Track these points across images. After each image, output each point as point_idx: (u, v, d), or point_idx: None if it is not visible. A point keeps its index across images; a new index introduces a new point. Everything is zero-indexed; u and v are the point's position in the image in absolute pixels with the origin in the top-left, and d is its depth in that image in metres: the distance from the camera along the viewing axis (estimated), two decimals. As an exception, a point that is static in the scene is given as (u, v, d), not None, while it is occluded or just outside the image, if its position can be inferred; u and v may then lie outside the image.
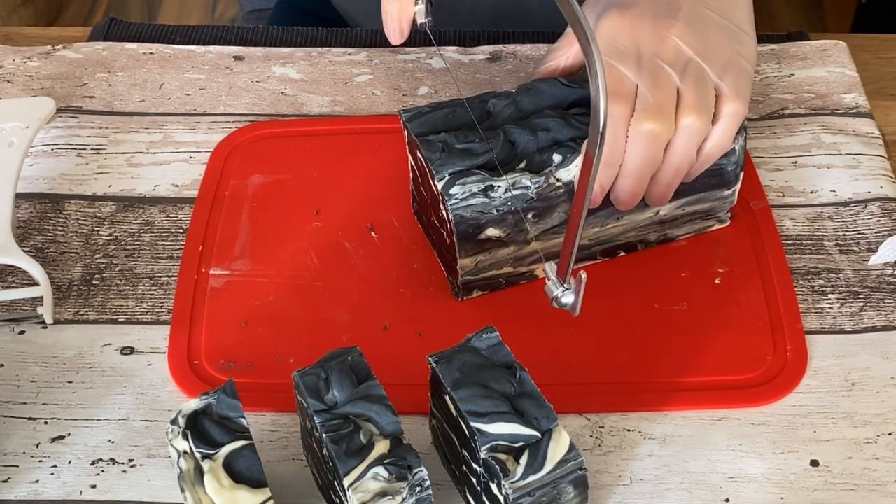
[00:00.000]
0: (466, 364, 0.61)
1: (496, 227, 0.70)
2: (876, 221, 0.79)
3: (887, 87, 0.92)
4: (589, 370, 0.71)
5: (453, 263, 0.72)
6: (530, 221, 0.70)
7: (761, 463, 0.66)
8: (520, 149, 0.70)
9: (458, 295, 0.74)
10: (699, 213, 0.76)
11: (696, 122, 0.69)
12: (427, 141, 0.70)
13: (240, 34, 0.96)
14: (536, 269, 0.74)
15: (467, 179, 0.68)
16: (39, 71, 0.91)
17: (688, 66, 0.70)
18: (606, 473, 0.66)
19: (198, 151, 0.85)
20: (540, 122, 0.71)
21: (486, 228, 0.70)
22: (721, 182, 0.75)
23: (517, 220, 0.70)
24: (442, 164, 0.69)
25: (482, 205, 0.68)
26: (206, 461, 0.58)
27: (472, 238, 0.70)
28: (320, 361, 0.62)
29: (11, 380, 0.71)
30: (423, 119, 0.72)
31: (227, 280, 0.76)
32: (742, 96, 0.71)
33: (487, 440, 0.58)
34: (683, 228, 0.77)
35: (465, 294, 0.74)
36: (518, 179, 0.68)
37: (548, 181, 0.69)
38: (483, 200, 0.68)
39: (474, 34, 0.95)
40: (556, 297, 0.66)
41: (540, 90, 0.73)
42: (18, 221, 0.80)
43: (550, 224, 0.71)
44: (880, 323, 0.74)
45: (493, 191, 0.68)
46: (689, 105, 0.69)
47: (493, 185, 0.68)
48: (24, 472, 0.66)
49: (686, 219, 0.76)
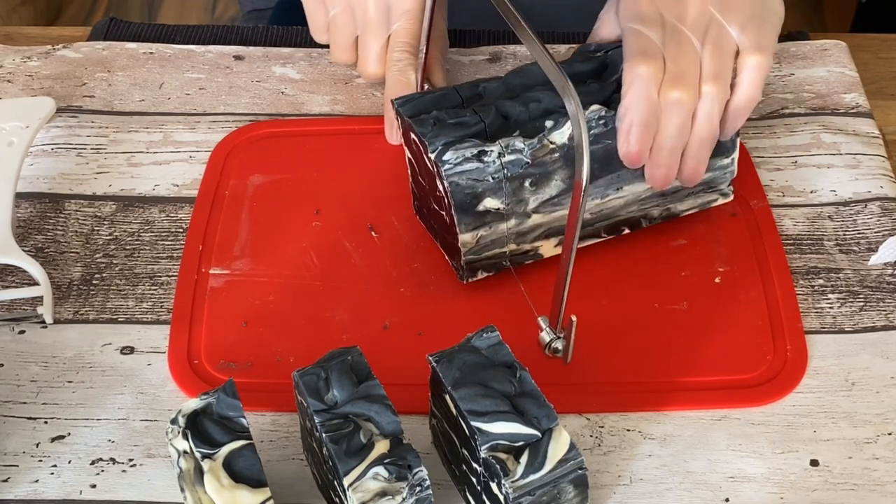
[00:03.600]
0: (467, 363, 0.61)
1: (493, 196, 0.70)
2: (876, 221, 0.79)
3: (887, 87, 0.92)
4: (589, 370, 0.71)
5: (455, 242, 0.72)
6: (528, 190, 0.70)
7: (761, 463, 0.66)
8: (512, 120, 0.71)
9: (463, 277, 0.74)
10: (700, 185, 0.76)
11: (713, 89, 0.70)
12: (419, 120, 0.71)
13: (240, 34, 0.96)
14: (540, 246, 0.74)
15: (459, 146, 0.69)
16: (39, 71, 0.91)
17: (709, 27, 0.71)
18: (606, 473, 0.66)
19: (198, 151, 0.85)
20: (531, 96, 0.72)
21: (483, 198, 0.70)
22: (718, 150, 0.74)
23: (515, 188, 0.70)
24: (434, 137, 0.70)
25: (477, 171, 0.69)
26: (206, 461, 0.58)
27: (470, 209, 0.70)
28: (320, 361, 0.62)
29: (11, 379, 0.71)
30: (415, 103, 0.73)
31: (227, 280, 0.76)
32: (763, 48, 0.71)
33: (487, 439, 0.58)
34: (687, 202, 0.77)
35: (470, 275, 0.73)
36: (511, 143, 0.69)
37: (541, 143, 0.69)
38: (477, 166, 0.69)
39: (474, 34, 0.95)
40: (548, 345, 0.69)
41: (530, 71, 0.74)
42: (18, 221, 0.80)
43: (549, 194, 0.71)
44: (880, 323, 0.74)
45: (486, 156, 0.69)
46: (708, 72, 0.70)
47: (486, 150, 0.69)
48: (24, 471, 0.66)
49: (688, 191, 0.76)
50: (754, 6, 0.72)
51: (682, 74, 0.69)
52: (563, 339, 0.68)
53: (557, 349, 0.69)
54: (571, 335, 0.68)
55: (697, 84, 0.70)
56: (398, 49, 0.82)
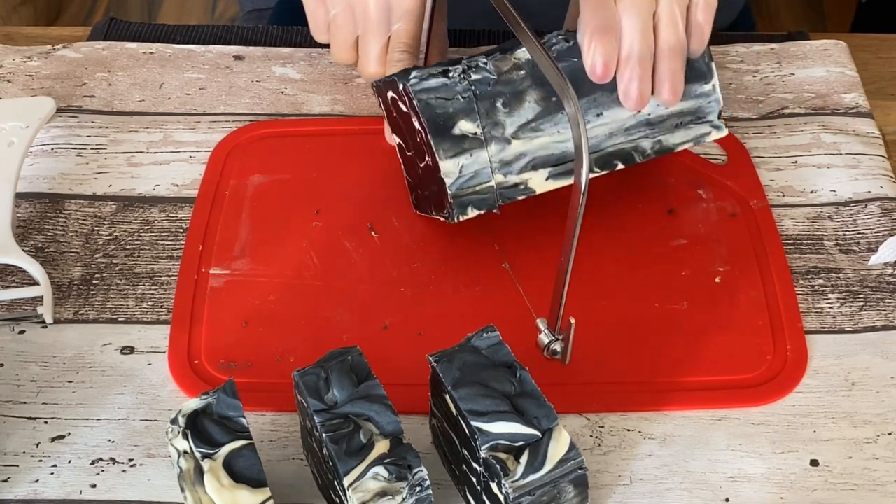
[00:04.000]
0: (467, 363, 0.61)
1: (467, 118, 0.70)
2: (876, 221, 0.79)
3: (887, 87, 0.92)
4: (589, 370, 0.71)
5: (442, 186, 0.71)
6: (502, 112, 0.70)
7: (761, 463, 0.66)
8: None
9: (453, 216, 0.72)
10: (687, 115, 0.74)
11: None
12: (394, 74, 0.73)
13: (240, 34, 0.96)
14: (529, 179, 0.72)
15: (426, 70, 0.70)
16: (39, 70, 0.91)
17: None
18: (606, 473, 0.66)
19: (198, 151, 0.85)
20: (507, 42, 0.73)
21: (457, 120, 0.70)
22: (694, 74, 0.73)
23: (487, 108, 0.70)
24: (404, 74, 0.71)
25: (444, 89, 0.69)
26: (206, 461, 0.58)
27: (445, 132, 0.70)
28: (320, 361, 0.62)
29: (11, 379, 0.71)
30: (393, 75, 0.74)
31: (228, 280, 0.76)
32: None
33: (488, 439, 0.58)
34: (678, 135, 0.75)
35: (460, 211, 0.71)
36: (475, 60, 0.70)
37: (503, 55, 0.70)
38: (443, 82, 0.69)
39: (474, 34, 0.95)
40: (547, 346, 0.68)
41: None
42: (18, 221, 0.80)
43: (525, 117, 0.71)
44: (880, 323, 0.74)
45: (451, 72, 0.69)
46: None
47: (450, 69, 0.70)
48: (24, 471, 0.66)
49: (675, 120, 0.74)
50: None
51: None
52: (561, 341, 0.68)
53: (556, 351, 0.69)
54: (570, 338, 0.68)
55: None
56: (399, 49, 0.82)
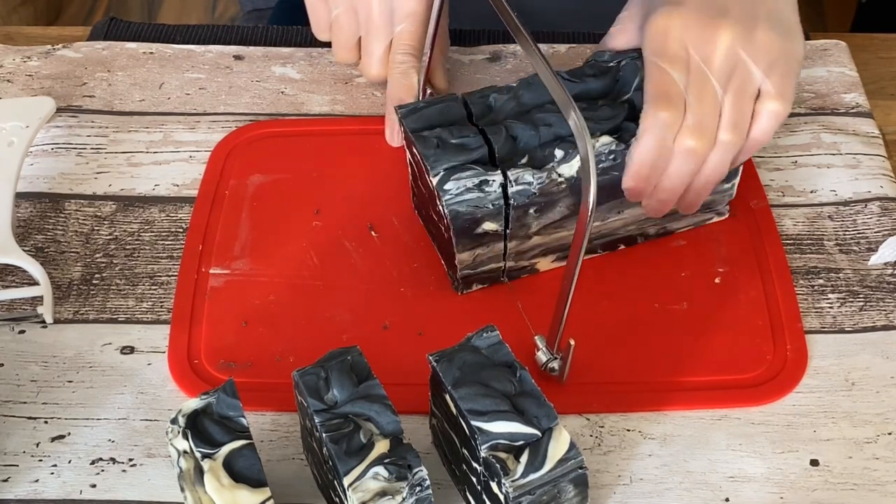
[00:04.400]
0: (467, 363, 0.61)
1: (492, 220, 0.70)
2: (876, 221, 0.79)
3: (887, 87, 0.92)
4: (589, 370, 0.71)
5: (452, 255, 0.72)
6: (532, 217, 0.70)
7: (761, 462, 0.66)
8: (522, 144, 0.70)
9: (458, 289, 0.74)
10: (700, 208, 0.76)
11: (729, 138, 0.69)
12: (422, 137, 0.70)
13: (240, 34, 0.96)
14: (537, 262, 0.74)
15: (462, 175, 0.68)
16: (39, 70, 0.91)
17: (734, 71, 0.69)
18: (606, 473, 0.66)
19: (198, 151, 0.85)
20: (542, 118, 0.71)
21: (482, 222, 0.70)
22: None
23: (519, 215, 0.70)
24: (436, 160, 0.69)
25: (477, 199, 0.68)
26: (206, 460, 0.58)
27: (468, 232, 0.70)
28: (320, 361, 0.62)
29: (11, 379, 0.71)
30: (419, 115, 0.72)
31: (227, 279, 0.76)
32: (785, 96, 0.70)
33: (488, 439, 0.58)
34: (683, 221, 0.77)
35: (465, 288, 0.74)
36: (520, 175, 0.69)
37: (549, 177, 0.69)
38: (478, 195, 0.68)
39: (474, 34, 0.95)
40: (545, 364, 0.69)
41: (541, 85, 0.73)
42: (18, 221, 0.80)
43: (551, 219, 0.71)
44: (880, 323, 0.74)
45: (487, 185, 0.68)
46: (727, 121, 0.69)
47: (488, 181, 0.68)
48: (24, 471, 0.66)
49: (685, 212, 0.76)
50: (782, 47, 0.70)
51: (700, 124, 0.68)
52: (560, 359, 0.68)
53: (554, 369, 0.69)
54: (569, 358, 0.68)
55: (714, 134, 0.69)
56: (401, 51, 0.82)
